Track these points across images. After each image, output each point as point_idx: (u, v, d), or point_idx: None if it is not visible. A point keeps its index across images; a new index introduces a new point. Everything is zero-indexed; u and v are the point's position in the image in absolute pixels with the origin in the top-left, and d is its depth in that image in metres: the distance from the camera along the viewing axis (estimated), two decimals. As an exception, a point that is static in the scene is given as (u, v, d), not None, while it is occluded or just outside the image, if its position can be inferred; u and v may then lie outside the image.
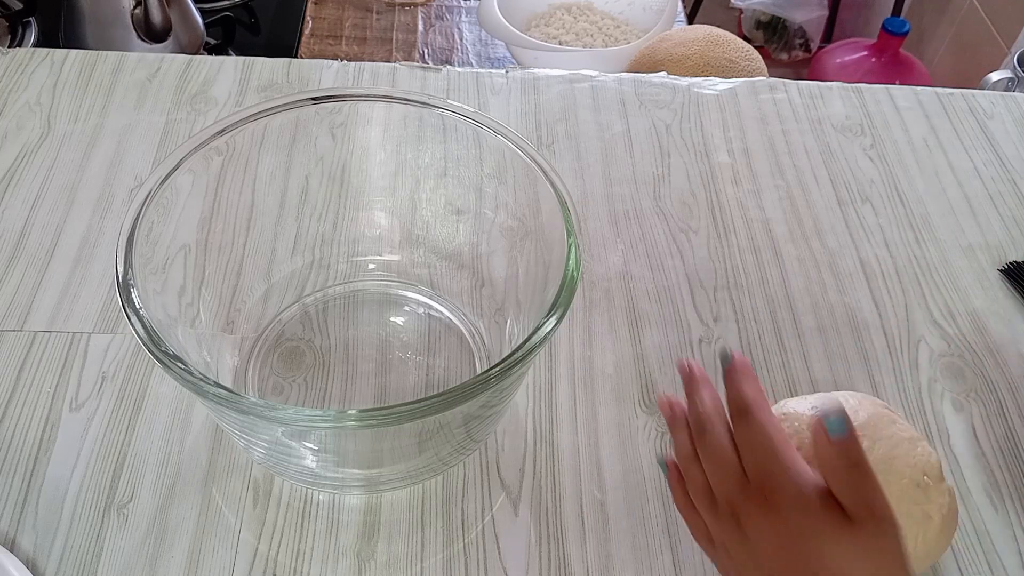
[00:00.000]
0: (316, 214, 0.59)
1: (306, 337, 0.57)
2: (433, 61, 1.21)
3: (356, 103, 0.54)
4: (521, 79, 0.79)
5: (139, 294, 0.42)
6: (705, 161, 0.73)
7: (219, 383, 0.40)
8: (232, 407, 0.39)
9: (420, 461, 0.48)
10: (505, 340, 0.54)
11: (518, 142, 0.51)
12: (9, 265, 0.60)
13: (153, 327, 0.41)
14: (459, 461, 0.51)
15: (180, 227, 0.50)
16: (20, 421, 0.52)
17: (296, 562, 0.48)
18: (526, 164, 0.50)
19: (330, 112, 0.53)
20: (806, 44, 2.08)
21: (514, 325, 0.54)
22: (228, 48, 1.18)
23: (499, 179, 0.54)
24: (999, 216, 0.71)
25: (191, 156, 0.49)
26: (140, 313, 0.41)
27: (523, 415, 0.55)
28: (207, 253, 0.53)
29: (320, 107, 0.53)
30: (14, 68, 0.75)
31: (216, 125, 0.50)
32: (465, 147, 0.54)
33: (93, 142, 0.69)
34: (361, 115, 0.54)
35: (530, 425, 0.54)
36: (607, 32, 1.22)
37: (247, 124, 0.51)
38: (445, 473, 0.51)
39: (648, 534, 0.50)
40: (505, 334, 0.55)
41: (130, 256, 0.43)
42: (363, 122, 0.55)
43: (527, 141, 0.51)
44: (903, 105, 0.80)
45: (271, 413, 0.39)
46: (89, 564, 0.47)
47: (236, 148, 0.52)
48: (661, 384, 0.57)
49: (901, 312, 0.63)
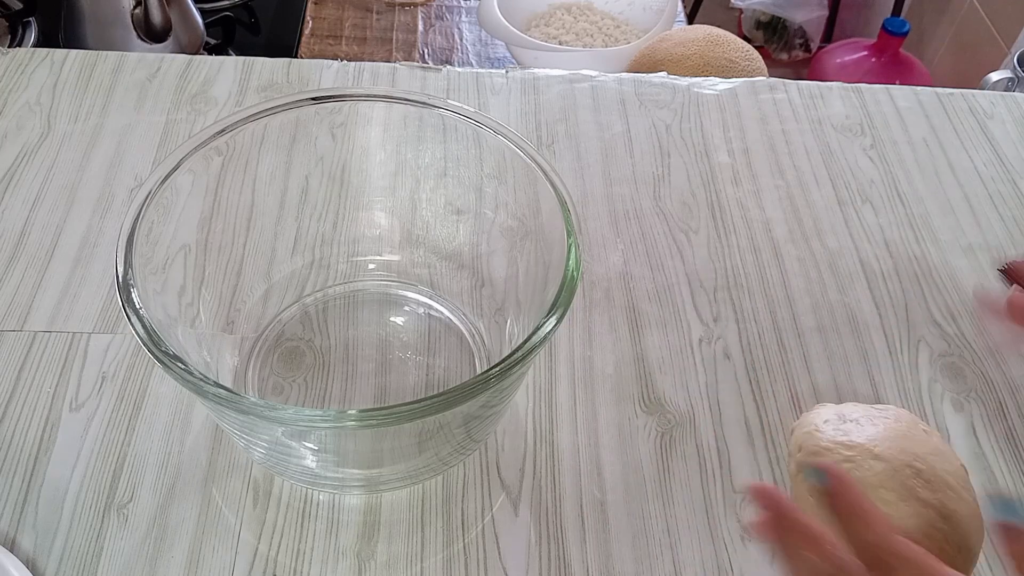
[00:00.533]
0: (316, 214, 0.59)
1: (306, 337, 0.57)
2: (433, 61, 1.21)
3: (356, 103, 0.54)
4: (521, 79, 0.79)
5: (139, 294, 0.42)
6: (705, 161, 0.73)
7: (219, 383, 0.40)
8: (232, 407, 0.39)
9: (420, 461, 0.48)
10: (505, 340, 0.54)
11: (518, 142, 0.51)
12: (9, 265, 0.60)
13: (153, 327, 0.41)
14: (459, 461, 0.51)
15: (180, 227, 0.50)
16: (20, 421, 0.52)
17: (296, 562, 0.48)
18: (526, 164, 0.50)
19: (330, 112, 0.53)
20: (806, 44, 2.08)
21: (514, 325, 0.54)
22: (228, 48, 1.18)
23: (499, 179, 0.54)
24: (999, 216, 0.71)
25: (191, 156, 0.49)
26: (140, 313, 0.41)
27: (523, 415, 0.55)
28: (207, 253, 0.53)
29: (320, 107, 0.53)
30: (14, 68, 0.75)
31: (216, 125, 0.50)
32: (465, 147, 0.54)
33: (93, 142, 0.69)
34: (361, 115, 0.54)
35: (530, 425, 0.54)
36: (607, 32, 1.22)
37: (247, 124, 0.51)
38: (445, 473, 0.51)
39: (648, 534, 0.50)
40: (505, 334, 0.55)
41: (130, 256, 0.43)
42: (363, 122, 0.55)
43: (527, 141, 0.51)
44: (903, 105, 0.80)
45: (271, 413, 0.39)
46: (89, 564, 0.47)
47: (236, 148, 0.52)
48: (661, 384, 0.57)
49: (901, 312, 0.63)
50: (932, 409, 0.57)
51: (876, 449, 0.47)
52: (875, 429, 0.48)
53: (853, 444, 0.48)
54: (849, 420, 0.50)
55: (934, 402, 0.58)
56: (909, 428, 0.48)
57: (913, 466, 0.46)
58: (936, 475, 0.46)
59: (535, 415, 0.55)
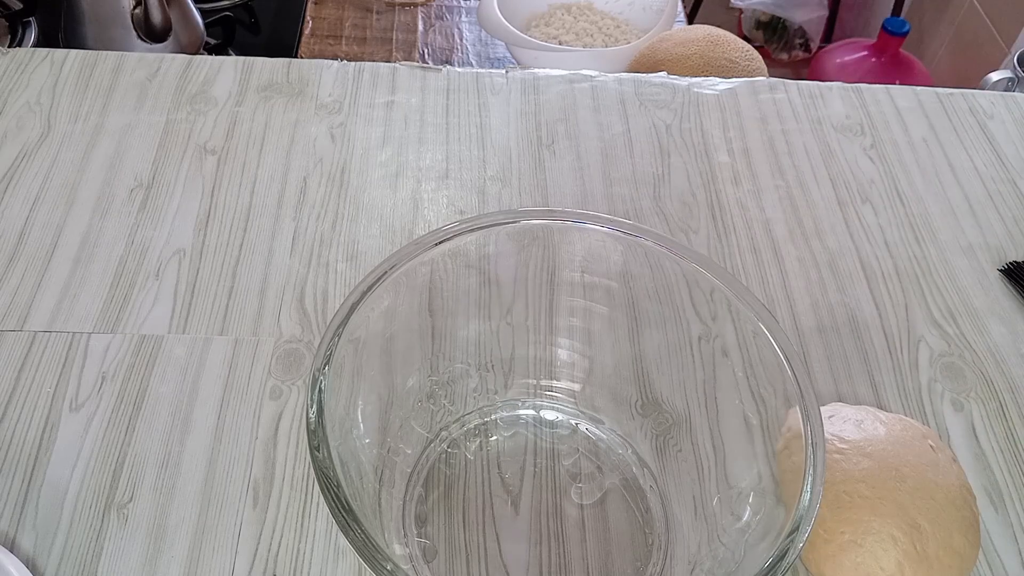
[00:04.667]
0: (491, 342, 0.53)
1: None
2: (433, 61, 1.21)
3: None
4: (521, 79, 0.79)
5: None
6: (705, 161, 0.73)
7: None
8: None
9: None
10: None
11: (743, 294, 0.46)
12: (9, 265, 0.60)
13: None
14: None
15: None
16: (20, 421, 0.52)
17: (296, 562, 0.48)
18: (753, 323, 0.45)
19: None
20: (806, 44, 2.08)
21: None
22: (228, 48, 1.18)
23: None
24: (999, 216, 0.71)
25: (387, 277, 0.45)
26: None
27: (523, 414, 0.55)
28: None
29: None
30: (14, 68, 0.75)
31: (433, 236, 0.46)
32: (674, 279, 0.51)
33: (93, 142, 0.69)
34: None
35: (530, 424, 0.54)
36: (607, 32, 1.22)
37: (466, 235, 0.47)
38: (445, 473, 0.51)
39: (648, 533, 0.50)
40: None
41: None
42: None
43: (762, 304, 0.46)
44: (903, 105, 0.80)
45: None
46: (89, 564, 0.47)
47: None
48: (659, 384, 0.57)
49: (901, 312, 0.63)
50: (932, 409, 0.57)
51: (868, 448, 0.47)
52: (875, 433, 0.48)
53: (847, 439, 0.48)
54: (851, 420, 0.50)
55: (934, 402, 0.58)
56: (913, 439, 0.48)
57: (900, 471, 0.46)
58: (922, 486, 0.46)
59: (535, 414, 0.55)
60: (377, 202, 0.67)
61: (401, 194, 0.68)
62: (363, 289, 0.44)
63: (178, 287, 0.60)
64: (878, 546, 0.45)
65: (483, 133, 0.73)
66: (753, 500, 0.45)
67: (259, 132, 0.71)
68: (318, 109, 0.74)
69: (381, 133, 0.73)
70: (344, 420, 0.43)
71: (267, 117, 0.73)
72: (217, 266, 0.61)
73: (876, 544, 0.45)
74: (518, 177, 0.70)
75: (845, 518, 0.46)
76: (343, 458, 0.40)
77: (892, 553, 0.45)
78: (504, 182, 0.70)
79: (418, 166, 0.70)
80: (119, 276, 0.60)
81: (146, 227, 0.63)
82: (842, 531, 0.46)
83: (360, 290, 0.44)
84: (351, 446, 0.43)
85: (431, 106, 0.75)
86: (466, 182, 0.70)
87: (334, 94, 0.75)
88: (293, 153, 0.70)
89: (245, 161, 0.69)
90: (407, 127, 0.74)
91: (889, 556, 0.45)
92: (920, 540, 0.45)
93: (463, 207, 0.68)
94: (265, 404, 0.54)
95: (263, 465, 0.51)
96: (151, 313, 0.58)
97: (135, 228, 0.63)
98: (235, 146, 0.70)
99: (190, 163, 0.68)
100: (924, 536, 0.45)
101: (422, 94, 0.76)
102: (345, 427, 0.43)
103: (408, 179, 0.69)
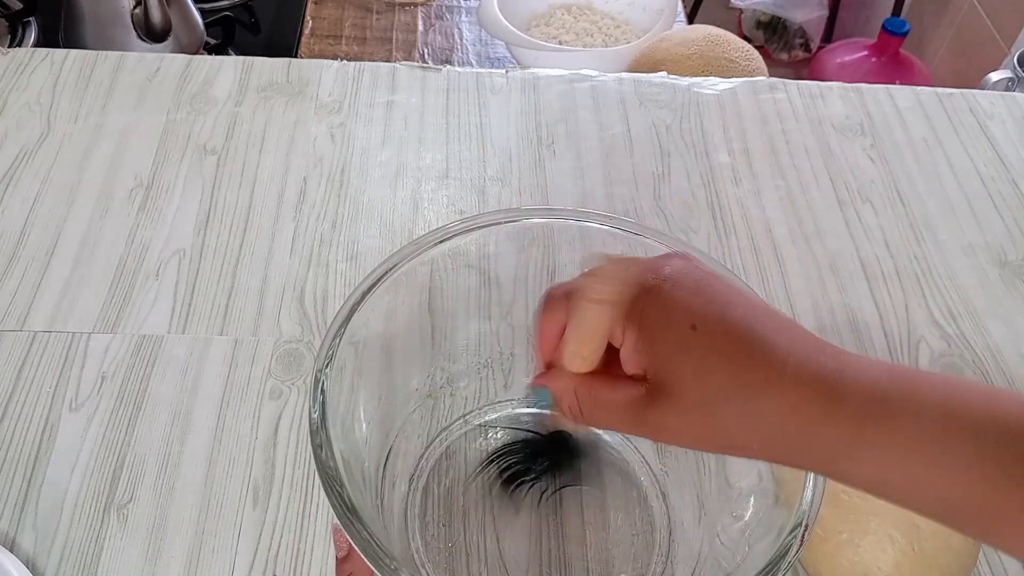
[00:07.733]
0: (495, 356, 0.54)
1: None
2: (433, 61, 1.21)
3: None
4: (521, 79, 0.79)
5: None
6: (705, 161, 0.73)
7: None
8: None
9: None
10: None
11: None
12: (9, 265, 0.60)
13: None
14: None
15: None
16: (20, 421, 0.52)
17: (296, 562, 0.48)
18: None
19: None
20: (806, 44, 2.08)
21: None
22: (228, 48, 1.18)
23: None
24: (999, 216, 0.71)
25: (384, 281, 0.45)
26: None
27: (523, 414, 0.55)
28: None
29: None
30: (14, 68, 0.75)
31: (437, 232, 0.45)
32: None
33: (93, 142, 0.69)
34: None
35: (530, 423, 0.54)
36: (607, 32, 1.22)
37: (467, 233, 0.46)
38: (445, 472, 0.51)
39: (647, 532, 0.50)
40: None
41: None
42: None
43: None
44: (903, 105, 0.80)
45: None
46: (89, 564, 0.47)
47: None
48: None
49: (901, 312, 0.63)
50: (932, 409, 0.57)
51: None
52: None
53: None
54: None
55: (934, 402, 0.57)
56: None
57: None
58: None
59: (534, 414, 0.55)
60: (377, 202, 0.67)
61: (401, 194, 0.68)
62: (364, 289, 0.44)
63: (178, 287, 0.60)
64: (876, 546, 0.45)
65: (483, 133, 0.73)
66: (754, 500, 0.44)
67: (259, 132, 0.71)
68: (318, 109, 0.74)
69: (381, 133, 0.73)
70: (346, 420, 0.43)
71: (267, 117, 0.73)
72: (217, 266, 0.61)
73: (874, 544, 0.45)
74: (518, 177, 0.70)
75: (843, 518, 0.46)
76: (346, 458, 0.40)
77: (890, 553, 0.44)
78: (504, 182, 0.70)
79: (418, 166, 0.70)
80: (119, 276, 0.60)
81: (146, 227, 0.63)
82: (840, 531, 0.45)
83: (361, 290, 0.44)
84: (353, 446, 0.43)
85: (431, 106, 0.75)
86: (466, 182, 0.70)
87: (334, 94, 0.75)
88: (293, 153, 0.70)
89: (245, 161, 0.69)
90: (407, 127, 0.74)
91: (887, 556, 0.45)
92: (918, 540, 0.45)
93: (463, 207, 0.68)
94: (265, 404, 0.54)
95: (263, 465, 0.51)
96: (151, 313, 0.58)
97: (135, 228, 0.63)
98: (235, 146, 0.70)
99: (190, 163, 0.68)
100: (922, 536, 0.45)
101: (422, 94, 0.76)
102: (347, 427, 0.43)
103: (408, 179, 0.69)
